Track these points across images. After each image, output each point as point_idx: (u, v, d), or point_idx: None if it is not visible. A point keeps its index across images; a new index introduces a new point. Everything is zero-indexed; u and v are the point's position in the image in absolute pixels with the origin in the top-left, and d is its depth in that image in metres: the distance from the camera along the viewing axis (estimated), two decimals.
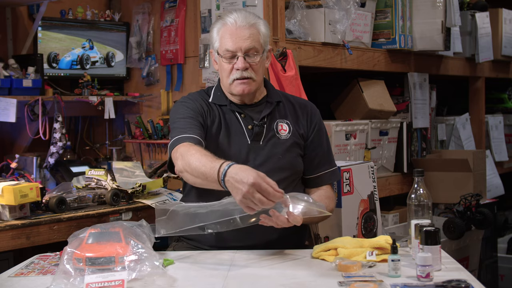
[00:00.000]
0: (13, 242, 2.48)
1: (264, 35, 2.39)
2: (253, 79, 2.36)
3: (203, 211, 2.06)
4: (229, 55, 2.34)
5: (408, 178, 4.13)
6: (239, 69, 2.33)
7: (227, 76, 2.37)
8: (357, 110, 3.86)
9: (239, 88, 2.36)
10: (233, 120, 2.40)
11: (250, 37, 2.33)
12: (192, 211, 2.08)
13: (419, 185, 2.12)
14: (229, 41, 2.33)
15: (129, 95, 3.80)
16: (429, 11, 3.98)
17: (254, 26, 2.35)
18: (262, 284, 1.87)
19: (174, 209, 2.09)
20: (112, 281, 1.77)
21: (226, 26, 2.35)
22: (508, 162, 5.41)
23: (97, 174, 2.95)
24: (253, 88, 2.38)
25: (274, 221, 2.03)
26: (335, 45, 3.55)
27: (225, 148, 2.36)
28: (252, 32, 2.34)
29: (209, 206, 2.06)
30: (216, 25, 2.41)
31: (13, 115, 3.11)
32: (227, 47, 2.34)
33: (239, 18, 2.34)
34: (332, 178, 2.52)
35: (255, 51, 2.35)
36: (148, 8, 3.76)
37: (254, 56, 2.35)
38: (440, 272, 1.91)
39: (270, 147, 2.38)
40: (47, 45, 3.50)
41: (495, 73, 5.22)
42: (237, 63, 2.33)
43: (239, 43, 2.32)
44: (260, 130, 2.39)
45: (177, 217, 2.08)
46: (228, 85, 2.38)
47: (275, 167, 2.34)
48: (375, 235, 2.97)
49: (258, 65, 2.37)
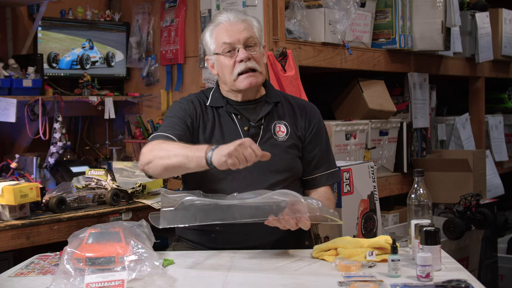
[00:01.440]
0: (13, 242, 2.48)
1: (258, 29, 2.39)
2: (258, 71, 2.35)
3: (216, 206, 2.01)
4: (228, 48, 2.33)
5: (408, 178, 4.13)
6: (243, 59, 2.31)
7: (230, 72, 2.34)
8: (357, 110, 3.86)
9: (246, 82, 2.33)
10: (228, 122, 2.39)
11: (245, 29, 2.34)
12: (204, 206, 2.02)
13: (419, 185, 2.12)
14: (225, 36, 2.33)
15: (129, 95, 3.80)
16: (429, 11, 3.98)
17: (247, 21, 2.37)
18: (262, 284, 1.87)
19: (185, 202, 2.01)
20: (112, 281, 1.77)
21: (219, 25, 2.35)
22: (508, 162, 5.41)
23: (97, 174, 2.95)
24: (260, 80, 2.37)
25: (282, 223, 2.03)
26: (335, 45, 3.55)
27: None
28: (246, 25, 2.35)
29: (221, 202, 2.03)
30: (207, 29, 2.40)
31: (13, 115, 3.11)
32: (224, 41, 2.33)
33: (231, 16, 2.35)
34: (330, 179, 2.49)
35: (253, 41, 2.34)
36: (148, 8, 3.77)
37: (254, 46, 2.34)
38: (440, 272, 1.91)
39: (267, 148, 2.35)
40: (47, 45, 3.51)
41: (495, 73, 5.22)
42: (239, 54, 2.32)
43: (236, 35, 2.32)
44: (256, 132, 2.38)
45: (189, 210, 2.01)
46: (232, 81, 2.35)
47: (272, 169, 2.34)
48: (375, 235, 2.97)
49: (259, 56, 2.35)
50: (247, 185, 2.27)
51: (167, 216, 2.01)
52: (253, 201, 2.01)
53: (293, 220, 2.03)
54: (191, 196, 2.04)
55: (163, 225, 2.02)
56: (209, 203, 2.02)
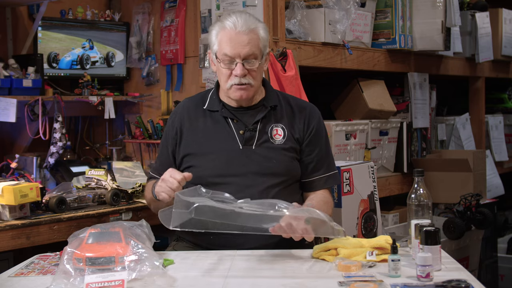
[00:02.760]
0: (13, 242, 2.48)
1: (264, 39, 2.36)
2: (251, 85, 2.35)
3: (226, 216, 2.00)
4: (227, 60, 2.32)
5: (408, 178, 4.13)
6: (238, 75, 2.31)
7: (225, 81, 2.35)
8: (357, 110, 3.86)
9: (237, 94, 2.35)
10: (224, 126, 2.39)
11: (249, 43, 2.30)
12: (216, 216, 2.00)
13: (419, 185, 2.12)
14: (228, 46, 2.31)
15: (129, 95, 3.80)
16: (429, 11, 3.98)
17: (254, 31, 2.32)
18: (262, 284, 1.87)
19: (199, 208, 1.98)
20: (112, 281, 1.77)
21: (225, 30, 2.32)
22: (508, 162, 5.42)
23: (97, 174, 2.95)
24: (251, 94, 2.37)
25: (287, 232, 2.02)
26: (335, 45, 3.55)
27: (216, 155, 2.36)
28: (251, 38, 2.31)
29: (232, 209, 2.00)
30: (214, 27, 2.38)
31: (13, 115, 3.11)
32: (225, 52, 2.31)
33: (239, 23, 2.30)
34: (328, 182, 2.48)
35: (254, 57, 2.32)
36: (148, 8, 3.76)
37: (253, 62, 2.32)
38: (440, 272, 1.91)
39: (263, 151, 2.37)
40: (47, 45, 3.50)
41: (495, 73, 5.22)
42: (236, 69, 2.31)
43: (238, 49, 2.29)
44: (252, 135, 2.37)
45: (200, 216, 1.98)
46: (226, 89, 2.37)
47: (269, 172, 2.34)
48: (375, 235, 2.97)
49: (256, 71, 2.35)
50: (245, 186, 2.29)
51: (179, 218, 2.00)
52: (263, 213, 2.00)
53: (300, 231, 2.02)
54: (203, 199, 2.02)
55: (174, 226, 2.00)
56: (222, 213, 2.00)
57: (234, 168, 2.34)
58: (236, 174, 2.32)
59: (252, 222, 2.00)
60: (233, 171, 2.33)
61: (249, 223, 2.00)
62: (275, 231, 2.02)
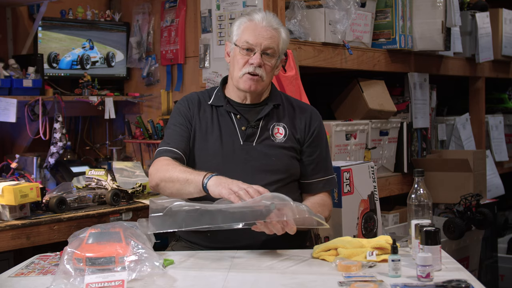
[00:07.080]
0: (13, 242, 2.48)
1: (284, 41, 2.43)
2: (262, 79, 2.38)
3: (204, 211, 2.04)
4: (247, 46, 2.36)
5: (408, 178, 4.13)
6: (253, 63, 2.35)
7: (240, 69, 2.38)
8: (357, 110, 3.86)
9: (247, 83, 2.37)
10: (227, 121, 2.41)
11: (271, 38, 2.37)
12: (192, 212, 2.05)
13: (419, 185, 2.12)
14: (251, 36, 2.36)
15: (129, 95, 3.80)
16: (429, 11, 3.98)
17: (277, 30, 2.40)
18: (262, 284, 1.87)
19: (173, 207, 2.06)
20: (112, 281, 1.77)
21: (252, 22, 2.38)
22: (508, 162, 5.42)
23: (97, 174, 2.95)
24: (259, 88, 2.40)
25: (269, 228, 2.06)
26: (335, 45, 3.56)
27: (217, 148, 2.37)
28: (274, 34, 2.38)
29: (209, 207, 2.05)
30: (240, 19, 2.43)
31: (13, 115, 3.11)
32: (247, 39, 2.36)
33: (266, 19, 2.38)
34: (326, 186, 2.49)
35: (273, 52, 2.38)
36: (148, 8, 3.77)
37: (271, 57, 2.38)
38: (440, 272, 1.91)
39: (263, 148, 2.38)
40: (47, 45, 3.51)
41: (495, 73, 5.22)
42: (253, 57, 2.35)
43: (260, 39, 2.36)
44: (253, 131, 2.39)
45: (177, 216, 2.06)
46: (237, 78, 2.39)
47: (268, 169, 2.35)
48: (375, 235, 2.97)
49: (271, 67, 2.39)
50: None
51: (156, 222, 2.06)
52: (241, 205, 2.02)
53: (280, 225, 2.05)
54: (179, 201, 2.08)
55: (152, 230, 2.06)
56: (197, 209, 2.05)
57: (233, 164, 2.35)
58: (235, 169, 2.33)
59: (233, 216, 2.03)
60: (232, 166, 2.34)
61: (230, 217, 2.03)
62: (257, 228, 2.07)
